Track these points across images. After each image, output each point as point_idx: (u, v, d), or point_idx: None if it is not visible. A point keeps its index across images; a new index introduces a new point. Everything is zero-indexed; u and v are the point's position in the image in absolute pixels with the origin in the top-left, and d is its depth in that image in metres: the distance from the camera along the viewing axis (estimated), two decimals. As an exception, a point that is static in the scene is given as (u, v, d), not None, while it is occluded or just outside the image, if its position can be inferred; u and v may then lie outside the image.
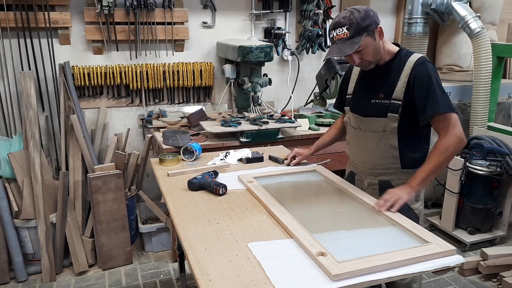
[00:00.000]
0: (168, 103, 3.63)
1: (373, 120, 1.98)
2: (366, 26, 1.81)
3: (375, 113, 1.97)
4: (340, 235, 1.64)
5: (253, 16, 3.70)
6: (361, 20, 1.80)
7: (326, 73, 3.53)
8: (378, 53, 1.90)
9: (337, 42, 1.84)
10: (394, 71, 1.93)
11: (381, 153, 2.00)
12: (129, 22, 3.31)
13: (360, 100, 2.07)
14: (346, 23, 1.81)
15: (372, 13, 1.85)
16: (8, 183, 3.04)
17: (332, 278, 1.31)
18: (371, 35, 1.84)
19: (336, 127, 2.40)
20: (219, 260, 1.43)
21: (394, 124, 1.92)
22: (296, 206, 1.85)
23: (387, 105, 1.93)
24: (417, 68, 1.87)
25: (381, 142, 1.98)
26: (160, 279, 3.10)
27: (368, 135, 2.02)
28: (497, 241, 3.54)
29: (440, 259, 1.44)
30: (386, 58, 1.95)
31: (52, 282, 3.04)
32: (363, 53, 1.86)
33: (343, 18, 1.82)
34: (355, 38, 1.81)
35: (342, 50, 1.82)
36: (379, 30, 1.87)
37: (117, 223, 3.14)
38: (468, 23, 3.45)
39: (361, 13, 1.81)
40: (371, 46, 1.85)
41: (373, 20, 1.84)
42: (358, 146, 2.10)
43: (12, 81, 3.19)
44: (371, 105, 1.98)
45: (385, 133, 1.96)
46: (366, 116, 2.01)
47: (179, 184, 2.11)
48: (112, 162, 3.26)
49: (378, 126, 1.97)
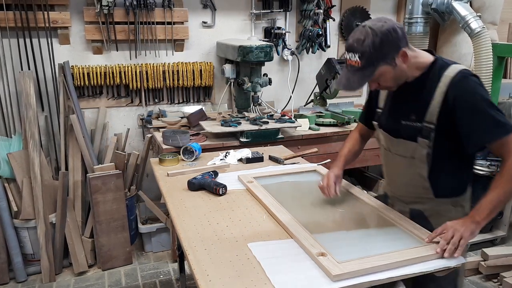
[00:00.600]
0: (168, 103, 3.63)
1: (402, 143, 1.71)
2: (383, 56, 1.52)
3: (405, 135, 1.70)
4: (340, 236, 1.64)
5: (253, 16, 3.69)
6: (376, 48, 1.49)
7: (326, 73, 3.52)
8: (399, 79, 1.62)
9: (349, 68, 1.58)
10: (427, 88, 1.61)
11: (409, 181, 1.75)
12: (128, 22, 3.30)
13: (390, 118, 1.79)
14: (358, 50, 1.52)
15: (394, 34, 1.51)
16: (7, 183, 3.04)
17: (332, 279, 1.31)
18: (390, 63, 1.54)
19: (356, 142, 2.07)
20: (219, 261, 1.43)
21: (424, 151, 1.64)
22: (296, 206, 1.85)
23: (418, 129, 1.64)
24: (457, 85, 1.55)
25: (409, 169, 1.73)
26: (160, 280, 3.09)
27: (397, 158, 1.76)
28: (497, 241, 3.53)
29: (440, 260, 1.43)
30: (415, 74, 1.64)
31: (52, 282, 3.03)
32: (380, 80, 1.60)
33: (356, 41, 1.52)
34: (368, 69, 1.53)
35: (350, 83, 1.57)
36: (402, 53, 1.54)
37: (116, 223, 3.13)
38: (469, 22, 3.44)
39: (377, 38, 1.49)
40: (389, 74, 1.57)
41: (394, 44, 1.52)
42: (389, 168, 1.88)
43: (11, 81, 3.18)
44: (402, 126, 1.70)
45: (413, 160, 1.69)
46: (396, 137, 1.74)
47: (179, 184, 2.11)
48: (111, 162, 3.25)
49: (406, 151, 1.71)
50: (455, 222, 1.52)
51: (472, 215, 1.52)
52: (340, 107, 3.73)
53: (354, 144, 2.05)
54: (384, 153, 1.86)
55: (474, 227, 1.49)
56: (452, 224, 1.51)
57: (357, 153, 2.06)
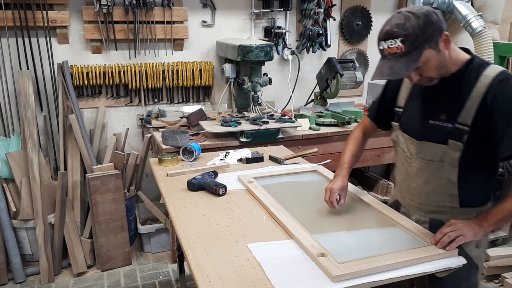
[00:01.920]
0: (167, 103, 3.61)
1: (428, 146, 1.60)
2: (428, 37, 1.41)
3: (433, 137, 1.58)
4: (341, 236, 1.63)
5: (253, 15, 3.68)
6: (420, 29, 1.39)
7: (326, 72, 3.51)
8: (443, 67, 1.50)
9: (389, 57, 1.46)
10: (464, 87, 1.51)
11: (435, 188, 1.63)
12: (128, 21, 3.29)
13: (414, 118, 1.67)
14: (400, 34, 1.41)
15: (435, 16, 1.42)
16: (6, 183, 3.03)
17: (332, 279, 1.30)
18: (434, 47, 1.43)
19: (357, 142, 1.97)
20: (219, 261, 1.42)
21: (456, 154, 1.53)
22: (296, 206, 1.84)
23: (449, 130, 1.53)
24: (497, 86, 1.45)
25: (436, 175, 1.61)
26: (159, 280, 3.08)
27: (420, 163, 1.64)
28: (499, 242, 3.51)
29: (441, 260, 1.43)
30: (452, 69, 1.53)
31: (51, 283, 3.02)
32: (423, 69, 1.47)
33: (396, 26, 1.41)
34: (413, 53, 1.41)
35: (396, 70, 1.44)
36: (445, 38, 1.45)
37: (116, 223, 3.12)
38: (470, 22, 3.43)
39: (420, 20, 1.39)
40: (434, 61, 1.45)
41: (437, 26, 1.41)
42: (407, 174, 1.73)
43: (10, 81, 3.17)
44: (429, 127, 1.59)
45: (443, 164, 1.57)
46: (420, 139, 1.63)
47: (178, 185, 2.10)
48: (111, 162, 3.24)
49: (434, 154, 1.59)
50: (461, 221, 1.49)
51: (480, 219, 1.49)
52: (341, 107, 3.72)
53: (356, 146, 1.95)
54: (402, 157, 1.74)
55: (477, 230, 1.47)
56: (457, 221, 1.50)
57: (359, 155, 1.97)
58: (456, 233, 1.45)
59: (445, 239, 1.45)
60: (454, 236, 1.44)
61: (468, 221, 1.49)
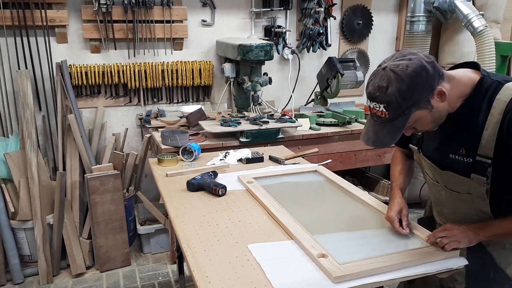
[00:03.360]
0: (167, 103, 3.60)
1: (453, 177, 1.47)
2: (415, 102, 1.29)
3: (456, 169, 1.46)
4: (341, 237, 1.62)
5: (253, 14, 3.67)
6: (404, 96, 1.27)
7: (327, 72, 3.50)
8: (439, 119, 1.39)
9: (375, 118, 1.36)
10: (478, 116, 1.36)
11: (467, 215, 1.51)
12: (127, 20, 3.27)
13: (434, 148, 1.54)
14: (382, 100, 1.30)
15: (425, 74, 1.28)
16: (4, 183, 3.02)
17: (333, 280, 1.29)
18: (425, 107, 1.32)
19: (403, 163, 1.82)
20: (219, 262, 1.41)
21: (482, 188, 1.40)
22: (296, 207, 1.83)
23: (470, 164, 1.40)
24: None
25: (467, 205, 1.50)
26: (159, 281, 3.07)
27: (448, 192, 1.53)
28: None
29: (443, 261, 1.42)
30: (457, 104, 1.38)
31: (49, 284, 3.01)
32: (416, 126, 1.39)
33: (378, 90, 1.30)
34: (398, 120, 1.31)
35: (380, 138, 1.36)
36: (439, 93, 1.31)
37: (115, 224, 3.10)
38: (471, 21, 3.41)
39: (404, 84, 1.26)
40: (426, 119, 1.35)
41: (426, 86, 1.29)
42: (438, 200, 1.64)
43: (8, 80, 3.16)
44: (450, 160, 1.46)
45: (470, 196, 1.45)
46: (444, 169, 1.50)
47: (178, 185, 2.09)
48: (110, 162, 3.23)
49: (460, 187, 1.47)
50: (458, 226, 1.44)
51: (478, 227, 1.42)
52: (341, 107, 3.70)
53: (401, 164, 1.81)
54: (430, 182, 1.62)
55: (472, 238, 1.41)
56: (452, 226, 1.45)
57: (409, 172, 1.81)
58: (448, 239, 1.40)
59: (438, 243, 1.43)
60: (446, 242, 1.40)
61: (465, 228, 1.43)
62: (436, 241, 1.44)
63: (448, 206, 1.58)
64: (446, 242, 1.40)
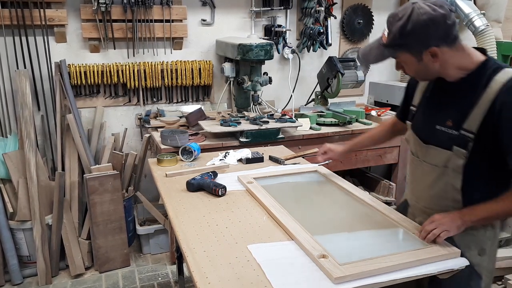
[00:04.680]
0: (166, 102, 3.59)
1: (434, 150, 1.56)
2: (405, 45, 1.41)
3: (439, 142, 1.54)
4: (342, 237, 1.62)
5: (253, 14, 3.65)
6: (402, 34, 1.38)
7: (327, 71, 3.49)
8: (426, 75, 1.52)
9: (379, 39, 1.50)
10: (473, 92, 1.43)
11: (439, 192, 1.59)
12: (126, 20, 3.26)
13: (423, 121, 1.64)
14: (389, 27, 1.43)
15: (432, 29, 1.35)
16: (3, 184, 3.01)
17: (333, 281, 1.29)
18: (414, 55, 1.42)
19: (381, 128, 2.02)
20: (219, 263, 1.41)
21: (460, 161, 1.48)
22: (297, 207, 1.83)
23: (454, 136, 1.48)
24: (507, 93, 1.36)
25: (441, 180, 1.57)
26: (158, 282, 3.06)
27: (425, 167, 1.61)
28: (502, 243, 3.48)
29: (444, 262, 1.41)
30: (457, 75, 1.47)
31: (48, 284, 3.00)
32: (404, 66, 1.50)
33: (393, 17, 1.42)
34: (388, 50, 1.46)
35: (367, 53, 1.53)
36: (433, 53, 1.39)
37: (114, 224, 3.09)
38: (473, 20, 3.40)
39: (409, 24, 1.35)
40: (411, 65, 1.47)
41: (423, 39, 1.37)
42: (414, 176, 1.72)
43: (7, 80, 3.15)
44: (435, 132, 1.55)
45: (447, 169, 1.53)
46: (427, 143, 1.59)
47: (177, 185, 2.09)
48: (109, 162, 3.22)
49: (439, 159, 1.55)
50: (444, 215, 1.49)
51: (464, 213, 1.48)
52: (342, 107, 3.69)
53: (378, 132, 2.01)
54: (411, 159, 1.71)
55: (460, 224, 1.46)
56: (439, 216, 1.50)
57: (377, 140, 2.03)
58: (439, 229, 1.46)
59: (430, 237, 1.47)
60: (438, 233, 1.45)
61: (451, 215, 1.48)
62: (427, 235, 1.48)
63: (422, 182, 1.66)
64: (437, 233, 1.46)
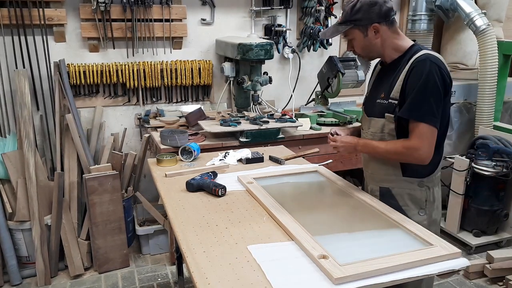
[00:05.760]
0: (166, 102, 3.58)
1: (373, 120, 1.87)
2: (356, 20, 1.76)
3: (376, 113, 1.86)
4: (342, 238, 1.61)
5: (253, 13, 3.64)
6: (352, 11, 1.76)
7: (328, 71, 3.45)
8: (369, 50, 1.84)
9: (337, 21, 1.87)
10: (399, 70, 1.78)
11: (381, 159, 1.88)
12: (125, 19, 3.26)
13: (368, 99, 1.99)
14: (344, 8, 1.82)
15: (375, 8, 1.74)
16: (1, 184, 3.01)
17: (334, 282, 1.29)
18: (361, 30, 1.78)
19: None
20: (218, 263, 1.40)
21: (391, 125, 1.79)
22: (297, 207, 1.82)
23: (385, 105, 1.80)
24: (416, 65, 1.71)
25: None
26: (158, 283, 3.05)
27: (369, 136, 1.91)
28: (503, 243, 3.47)
29: (444, 262, 1.41)
30: (393, 56, 1.83)
31: (47, 285, 2.99)
32: (353, 43, 1.84)
33: (347, 2, 1.82)
34: (341, 26, 1.81)
35: (326, 31, 1.93)
36: (374, 28, 1.76)
37: (113, 225, 3.09)
38: (474, 20, 3.39)
39: (359, 3, 1.74)
40: (359, 41, 1.81)
41: (368, 16, 1.74)
42: None
43: (6, 80, 3.14)
44: (375, 105, 1.87)
45: (383, 135, 1.83)
46: (369, 116, 1.91)
47: (177, 185, 2.08)
48: (108, 162, 3.21)
49: (377, 127, 1.85)
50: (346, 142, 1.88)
51: (359, 143, 1.86)
52: (342, 106, 3.68)
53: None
54: (362, 133, 2.01)
55: (352, 151, 1.91)
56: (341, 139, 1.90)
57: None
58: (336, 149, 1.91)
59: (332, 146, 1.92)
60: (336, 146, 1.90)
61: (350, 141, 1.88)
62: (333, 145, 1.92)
63: None
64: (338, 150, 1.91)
